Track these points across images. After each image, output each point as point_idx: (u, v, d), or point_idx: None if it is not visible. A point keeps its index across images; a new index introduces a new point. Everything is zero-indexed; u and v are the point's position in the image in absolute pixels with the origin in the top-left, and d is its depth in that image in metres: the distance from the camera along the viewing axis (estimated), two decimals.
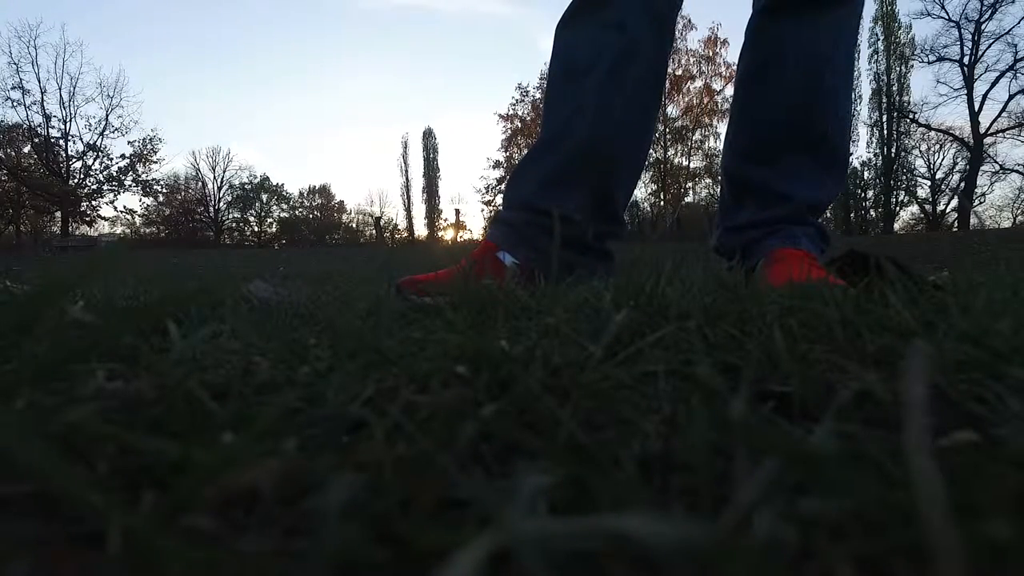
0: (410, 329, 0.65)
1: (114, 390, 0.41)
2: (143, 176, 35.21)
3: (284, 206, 43.86)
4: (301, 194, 44.43)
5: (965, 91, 28.15)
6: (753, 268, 1.48)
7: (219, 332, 0.65)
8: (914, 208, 33.51)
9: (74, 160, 33.26)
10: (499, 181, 35.75)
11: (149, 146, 35.01)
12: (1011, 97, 27.25)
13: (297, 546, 0.26)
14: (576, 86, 1.55)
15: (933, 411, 0.41)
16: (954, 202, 31.03)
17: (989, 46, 27.39)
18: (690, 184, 35.00)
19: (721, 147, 1.88)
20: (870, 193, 33.06)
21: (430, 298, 1.11)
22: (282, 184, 43.90)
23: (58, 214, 32.65)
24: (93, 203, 34.04)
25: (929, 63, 29.06)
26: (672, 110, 33.85)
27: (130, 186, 34.99)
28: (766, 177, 1.64)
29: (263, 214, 42.95)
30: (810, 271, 1.21)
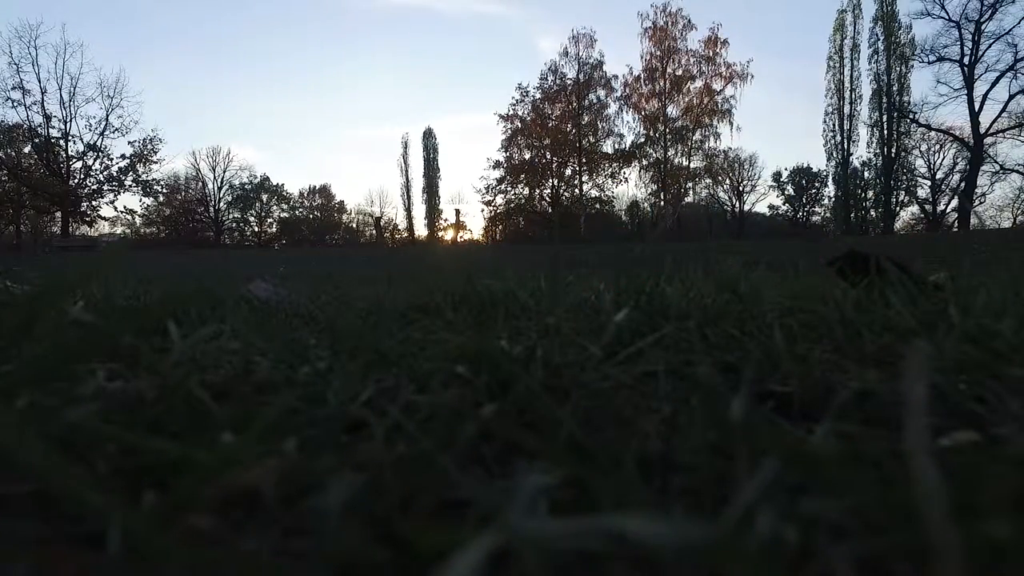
0: (410, 329, 0.65)
1: (114, 390, 0.41)
2: (143, 176, 35.19)
3: (284, 206, 43.86)
4: (301, 194, 44.41)
5: (965, 91, 28.12)
6: None
7: (219, 332, 0.65)
8: (914, 208, 33.51)
9: (74, 160, 33.25)
10: (499, 181, 35.72)
11: (149, 146, 34.99)
12: (1011, 97, 27.22)
13: (297, 546, 0.26)
14: None
15: (933, 411, 0.41)
16: (954, 202, 31.00)
17: (989, 46, 27.36)
18: (690, 184, 34.99)
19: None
20: (870, 193, 33.05)
21: None
22: (282, 184, 43.86)
23: (58, 214, 32.64)
24: (93, 203, 34.02)
25: (929, 63, 29.03)
26: (672, 110, 33.89)
27: (130, 186, 34.97)
28: None
29: (263, 214, 42.93)
30: None
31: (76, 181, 33.60)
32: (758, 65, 52.01)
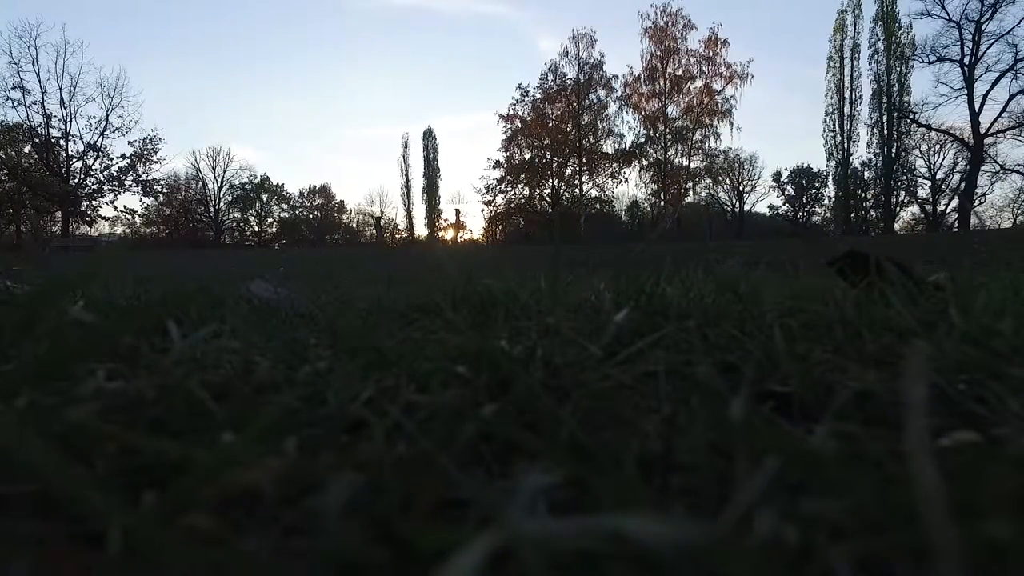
0: (410, 329, 0.65)
1: (114, 390, 0.41)
2: (143, 176, 35.18)
3: (284, 206, 43.87)
4: (301, 194, 44.40)
5: (965, 91, 28.09)
6: None
7: (219, 332, 0.65)
8: (914, 208, 33.52)
9: (74, 160, 33.25)
10: (499, 181, 35.74)
11: (149, 146, 34.97)
12: (1011, 97, 27.18)
13: (297, 546, 0.26)
14: None
15: (933, 411, 0.41)
16: (954, 202, 30.98)
17: (989, 46, 27.31)
18: (690, 184, 34.98)
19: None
20: (870, 193, 33.05)
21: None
22: (282, 184, 43.83)
23: (58, 214, 32.64)
24: (93, 203, 34.03)
25: (929, 63, 28.99)
26: (672, 110, 33.90)
27: (130, 186, 34.96)
28: None
29: (263, 214, 42.94)
30: None
31: (76, 181, 33.60)
32: (758, 65, 52.01)
